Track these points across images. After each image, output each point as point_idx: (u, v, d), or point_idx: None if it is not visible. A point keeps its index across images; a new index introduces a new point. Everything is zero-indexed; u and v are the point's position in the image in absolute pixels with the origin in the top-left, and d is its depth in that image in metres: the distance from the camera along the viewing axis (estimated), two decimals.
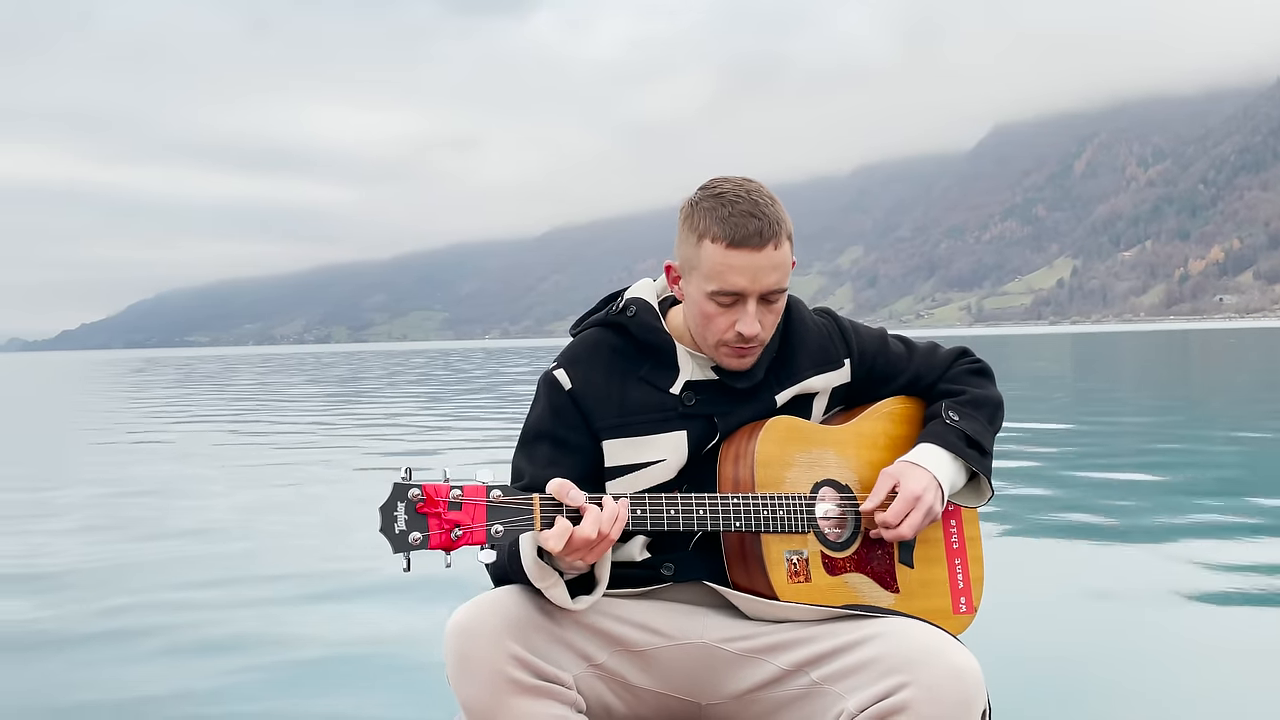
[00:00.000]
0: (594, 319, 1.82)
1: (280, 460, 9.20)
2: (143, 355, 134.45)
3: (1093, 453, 8.56)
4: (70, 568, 4.76)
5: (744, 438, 1.72)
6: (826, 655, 1.61)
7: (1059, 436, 9.72)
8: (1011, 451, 8.07)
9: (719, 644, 1.70)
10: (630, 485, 1.71)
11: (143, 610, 3.95)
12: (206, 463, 9.17)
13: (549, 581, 1.58)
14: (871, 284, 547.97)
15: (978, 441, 1.80)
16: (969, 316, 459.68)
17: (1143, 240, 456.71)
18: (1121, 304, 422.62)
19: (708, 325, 1.70)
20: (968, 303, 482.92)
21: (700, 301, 1.69)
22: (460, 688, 1.58)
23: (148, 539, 5.46)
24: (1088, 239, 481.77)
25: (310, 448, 10.14)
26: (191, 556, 4.98)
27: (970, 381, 1.88)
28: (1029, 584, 4.08)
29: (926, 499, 1.72)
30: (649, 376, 1.75)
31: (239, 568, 4.70)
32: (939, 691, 1.49)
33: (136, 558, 4.97)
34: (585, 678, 1.65)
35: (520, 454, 1.75)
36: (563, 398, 1.74)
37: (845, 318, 1.90)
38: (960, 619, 1.81)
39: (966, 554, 1.85)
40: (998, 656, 2.23)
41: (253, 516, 6.14)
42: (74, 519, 6.16)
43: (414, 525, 1.45)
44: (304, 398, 20.21)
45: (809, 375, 1.80)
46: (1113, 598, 3.91)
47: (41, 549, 5.23)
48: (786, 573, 1.66)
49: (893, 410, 1.87)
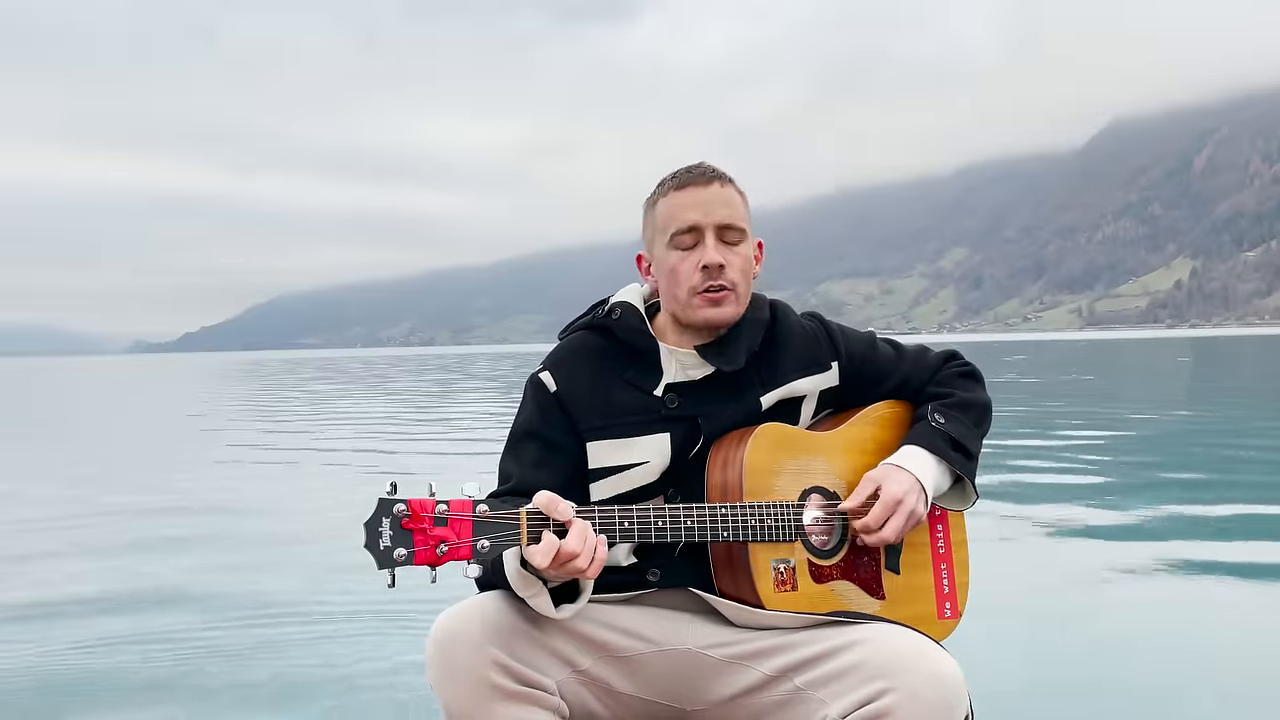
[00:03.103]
0: (580, 322, 1.84)
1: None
2: (263, 357, 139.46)
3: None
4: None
5: (732, 445, 1.71)
6: (810, 661, 1.61)
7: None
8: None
9: (703, 650, 1.69)
10: (614, 487, 1.71)
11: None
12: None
13: (532, 590, 1.57)
14: (976, 286, 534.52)
15: (963, 444, 1.79)
16: (1080, 319, 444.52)
17: (1268, 240, 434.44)
18: (1244, 306, 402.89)
19: (676, 280, 1.72)
20: (1078, 305, 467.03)
21: (665, 260, 1.72)
22: (443, 692, 1.58)
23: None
24: (1208, 238, 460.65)
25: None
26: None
27: (958, 384, 1.88)
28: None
29: (908, 502, 1.70)
30: (633, 379, 1.75)
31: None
32: (921, 697, 1.49)
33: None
34: (569, 683, 1.65)
35: (508, 455, 1.76)
36: (548, 399, 1.75)
37: (834, 321, 1.89)
38: (945, 624, 1.80)
39: (952, 559, 1.84)
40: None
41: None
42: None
43: (399, 541, 1.43)
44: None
45: (796, 377, 1.80)
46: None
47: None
48: (773, 581, 1.66)
49: (881, 415, 1.86)
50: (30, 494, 7.84)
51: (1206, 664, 3.30)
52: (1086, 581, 4.38)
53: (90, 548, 5.53)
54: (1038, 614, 3.89)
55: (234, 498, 7.37)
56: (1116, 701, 2.95)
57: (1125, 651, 3.41)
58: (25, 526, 6.27)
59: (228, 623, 3.90)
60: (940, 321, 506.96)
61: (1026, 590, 4.22)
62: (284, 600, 4.19)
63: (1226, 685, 3.09)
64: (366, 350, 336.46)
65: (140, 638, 3.71)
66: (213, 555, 5.25)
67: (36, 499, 7.51)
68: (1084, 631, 3.64)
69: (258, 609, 4.06)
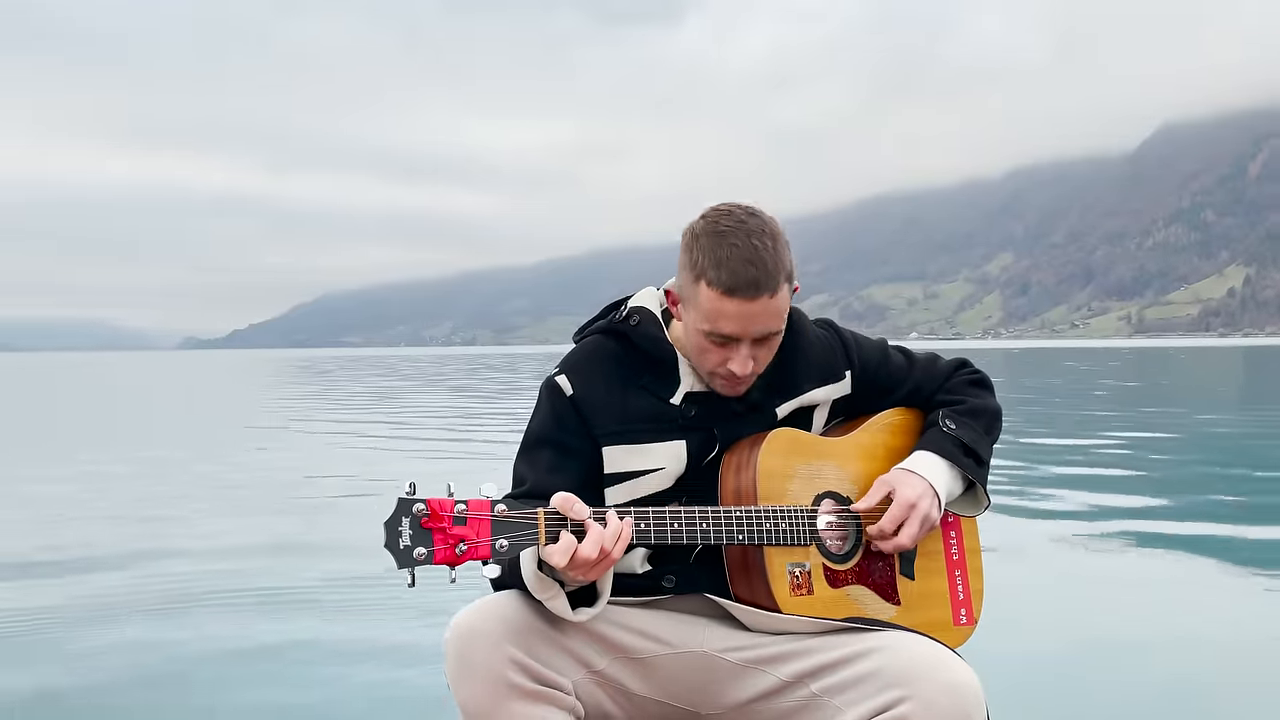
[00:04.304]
0: (597, 326, 1.83)
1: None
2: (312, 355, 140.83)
3: None
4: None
5: (746, 449, 1.71)
6: (827, 667, 1.61)
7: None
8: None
9: (719, 653, 1.69)
10: (628, 493, 1.71)
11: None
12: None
13: (549, 593, 1.58)
14: (1023, 292, 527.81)
15: (974, 450, 1.79)
16: (1129, 327, 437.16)
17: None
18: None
19: (702, 357, 1.70)
20: (1127, 312, 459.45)
21: (695, 336, 1.69)
22: (459, 690, 1.59)
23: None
24: (1263, 245, 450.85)
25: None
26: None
27: (969, 392, 1.88)
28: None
29: (922, 506, 1.70)
30: (650, 386, 1.75)
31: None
32: (937, 706, 1.49)
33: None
34: (584, 684, 1.66)
35: (522, 460, 1.76)
36: (564, 403, 1.74)
37: (846, 329, 1.89)
38: (960, 630, 1.80)
39: (966, 565, 1.84)
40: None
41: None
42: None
43: (419, 540, 1.44)
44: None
45: (811, 388, 1.80)
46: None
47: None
48: (789, 585, 1.66)
49: (892, 422, 1.87)
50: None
51: (1228, 666, 3.23)
52: (1109, 584, 4.32)
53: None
54: (1060, 620, 3.81)
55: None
56: (1140, 710, 2.89)
57: (1146, 657, 3.34)
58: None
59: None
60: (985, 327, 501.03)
61: (1052, 598, 4.16)
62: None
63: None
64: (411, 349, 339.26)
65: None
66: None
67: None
68: (1105, 638, 3.55)
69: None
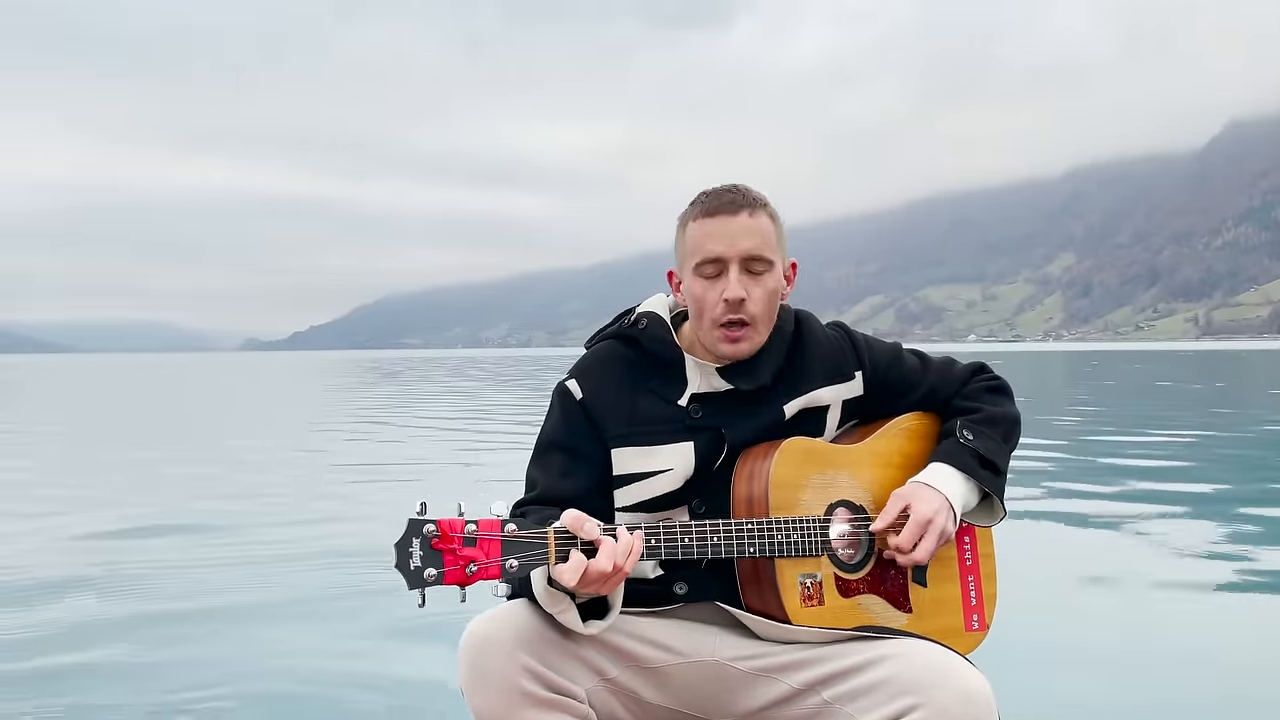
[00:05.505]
0: (608, 331, 1.86)
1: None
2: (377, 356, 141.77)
3: None
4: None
5: (759, 458, 1.71)
6: (838, 675, 1.61)
7: None
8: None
9: (730, 662, 1.70)
10: (637, 494, 1.73)
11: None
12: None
13: (560, 607, 1.59)
14: (1085, 293, 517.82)
15: (991, 461, 1.78)
16: (1196, 329, 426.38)
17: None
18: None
19: (700, 308, 1.72)
20: (1195, 314, 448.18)
21: (691, 285, 1.72)
22: (473, 698, 1.60)
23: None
24: None
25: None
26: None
27: (986, 399, 1.86)
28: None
29: (938, 522, 1.69)
30: (658, 388, 1.77)
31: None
32: (950, 713, 1.49)
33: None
34: (597, 692, 1.67)
35: (534, 464, 1.78)
36: (574, 407, 1.77)
37: (859, 331, 1.89)
38: (973, 636, 1.80)
39: (980, 571, 1.83)
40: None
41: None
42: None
43: (429, 561, 1.44)
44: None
45: (818, 386, 1.79)
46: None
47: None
48: (800, 596, 1.66)
49: (907, 427, 1.85)
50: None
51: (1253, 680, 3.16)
52: (1134, 587, 4.29)
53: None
54: (1073, 625, 3.76)
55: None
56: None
57: (1170, 667, 3.29)
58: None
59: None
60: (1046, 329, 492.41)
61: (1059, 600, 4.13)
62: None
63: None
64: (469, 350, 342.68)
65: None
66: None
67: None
68: (1127, 645, 3.50)
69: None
